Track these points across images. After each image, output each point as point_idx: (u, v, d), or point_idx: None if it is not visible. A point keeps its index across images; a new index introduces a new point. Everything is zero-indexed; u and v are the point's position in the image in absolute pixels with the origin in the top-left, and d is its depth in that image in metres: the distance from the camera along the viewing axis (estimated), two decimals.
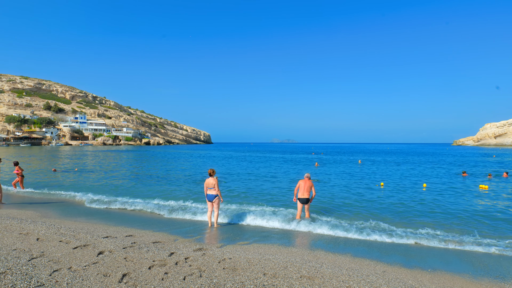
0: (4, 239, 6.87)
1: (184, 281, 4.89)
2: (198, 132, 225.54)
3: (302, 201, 9.74)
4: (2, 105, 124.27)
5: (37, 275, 4.91)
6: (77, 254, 6.01)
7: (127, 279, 4.94)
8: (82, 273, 5.10)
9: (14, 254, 5.86)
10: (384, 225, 9.16)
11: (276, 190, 15.85)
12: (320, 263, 6.05)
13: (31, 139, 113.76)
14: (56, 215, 9.95)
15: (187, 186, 17.08)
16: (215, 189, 8.97)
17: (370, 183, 18.79)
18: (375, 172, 25.67)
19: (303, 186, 9.68)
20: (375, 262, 6.40)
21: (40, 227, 8.01)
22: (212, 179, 9.01)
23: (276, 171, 26.74)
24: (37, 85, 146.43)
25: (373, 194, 14.82)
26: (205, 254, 6.27)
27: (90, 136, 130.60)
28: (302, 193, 9.68)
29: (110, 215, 10.35)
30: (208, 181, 9.05)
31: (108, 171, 25.46)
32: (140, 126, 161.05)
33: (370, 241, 7.89)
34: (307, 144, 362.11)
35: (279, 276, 5.24)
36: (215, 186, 8.96)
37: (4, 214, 9.76)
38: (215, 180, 9.01)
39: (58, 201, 12.75)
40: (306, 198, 9.67)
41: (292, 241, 7.83)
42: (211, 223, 9.19)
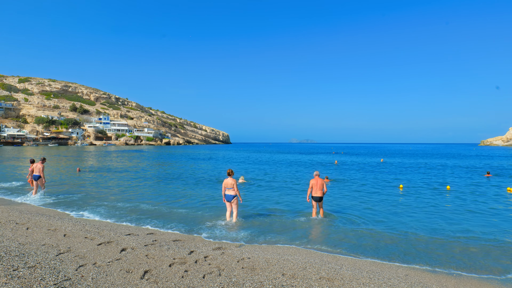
0: (34, 234, 7.21)
1: (204, 280, 4.95)
2: (217, 132, 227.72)
3: (315, 199, 9.93)
4: (32, 107, 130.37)
5: (64, 270, 5.11)
6: (101, 250, 6.21)
7: (149, 275, 5.06)
8: (106, 268, 5.27)
9: (43, 249, 6.14)
10: (406, 227, 8.91)
11: (293, 191, 15.76)
12: (340, 264, 5.97)
13: (58, 139, 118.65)
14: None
15: (209, 187, 17.29)
16: (234, 189, 9.07)
17: (388, 185, 18.34)
18: (394, 173, 25.02)
19: (316, 184, 9.85)
20: (396, 265, 6.24)
21: (67, 224, 8.35)
22: (231, 180, 9.11)
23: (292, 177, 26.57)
24: (64, 87, 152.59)
25: (391, 196, 14.45)
26: (224, 253, 6.32)
27: (113, 137, 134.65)
28: (315, 192, 9.86)
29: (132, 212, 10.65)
30: (227, 181, 9.14)
31: (134, 171, 26.14)
32: (160, 127, 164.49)
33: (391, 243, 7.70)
34: (327, 144, 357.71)
35: (298, 276, 5.21)
36: (234, 186, 9.05)
37: (34, 210, 10.24)
38: (233, 180, 9.11)
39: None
40: (319, 196, 9.84)
41: (311, 241, 7.75)
42: (230, 222, 9.28)
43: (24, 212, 9.79)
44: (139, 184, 17.61)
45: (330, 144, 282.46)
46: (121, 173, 23.51)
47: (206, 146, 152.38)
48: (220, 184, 18.03)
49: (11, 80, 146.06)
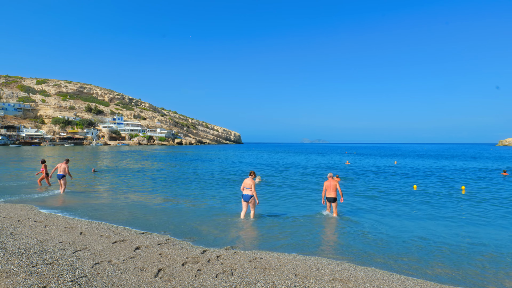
0: (52, 232, 7.40)
1: (216, 279, 4.98)
2: (229, 132, 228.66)
3: (329, 200, 10.09)
4: (49, 108, 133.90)
5: (80, 267, 5.23)
6: (116, 248, 6.33)
7: (162, 274, 5.12)
8: (121, 266, 5.36)
9: (60, 246, 6.30)
10: (419, 233, 8.73)
11: (306, 192, 15.67)
12: (353, 266, 5.90)
13: (74, 139, 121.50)
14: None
15: (221, 187, 17.38)
16: (251, 190, 9.25)
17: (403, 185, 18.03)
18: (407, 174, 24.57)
19: (329, 186, 9.97)
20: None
21: (82, 222, 8.54)
22: (250, 180, 9.34)
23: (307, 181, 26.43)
24: (79, 88, 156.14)
25: (407, 199, 14.20)
26: (236, 253, 6.34)
27: (127, 137, 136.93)
28: (329, 193, 9.99)
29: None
30: (246, 181, 9.38)
31: (148, 171, 26.51)
32: (173, 127, 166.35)
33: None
34: (339, 144, 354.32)
35: (310, 277, 5.18)
36: (252, 187, 9.24)
37: (55, 209, 10.50)
38: (252, 181, 9.32)
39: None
40: (333, 197, 9.97)
41: (323, 242, 7.69)
42: (243, 222, 9.35)
43: (41, 210, 10.06)
44: (153, 184, 17.85)
45: (342, 144, 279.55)
46: (135, 173, 23.88)
47: (217, 146, 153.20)
48: (234, 184, 18.10)
49: (29, 82, 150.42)
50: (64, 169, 13.80)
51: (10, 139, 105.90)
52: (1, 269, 4.93)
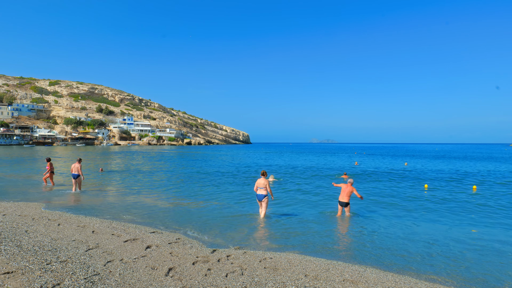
0: (65, 230, 7.54)
1: (226, 278, 5.00)
2: (237, 132, 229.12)
3: (341, 204, 10.07)
4: (61, 109, 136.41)
5: (93, 265, 5.32)
6: (127, 247, 6.41)
7: (173, 273, 5.17)
8: (132, 265, 5.43)
9: (73, 245, 6.41)
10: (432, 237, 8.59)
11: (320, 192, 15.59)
12: (364, 267, 5.84)
13: (85, 139, 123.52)
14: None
15: (232, 187, 17.43)
16: (265, 189, 9.40)
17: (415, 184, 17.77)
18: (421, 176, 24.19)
19: (344, 190, 9.90)
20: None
21: (94, 221, 8.67)
22: (263, 180, 9.46)
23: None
24: (91, 89, 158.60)
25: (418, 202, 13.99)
26: (246, 253, 6.35)
27: (137, 137, 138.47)
28: (342, 197, 9.94)
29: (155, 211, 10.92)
30: (259, 181, 9.50)
31: (157, 171, 26.76)
32: (182, 127, 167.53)
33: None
34: (348, 144, 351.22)
35: (321, 278, 5.15)
36: (266, 186, 9.40)
37: (68, 208, 10.69)
38: (266, 181, 9.44)
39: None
40: (345, 202, 9.96)
41: (333, 243, 7.64)
42: (254, 221, 9.47)
43: (55, 209, 10.25)
44: (163, 184, 18.01)
45: (352, 144, 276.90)
46: (145, 173, 24.13)
47: (226, 146, 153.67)
48: (244, 184, 18.14)
49: (42, 83, 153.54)
50: (77, 169, 14.17)
51: (24, 139, 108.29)
52: (17, 266, 5.05)
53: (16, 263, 5.18)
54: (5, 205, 10.45)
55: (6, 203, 10.89)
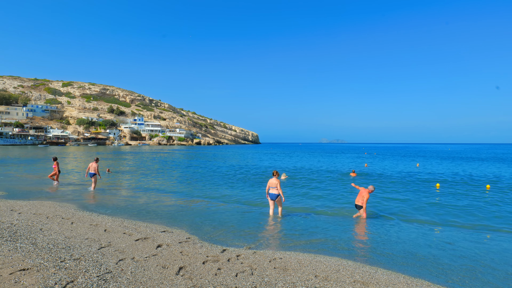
0: (78, 229, 7.68)
1: (236, 278, 5.02)
2: (246, 133, 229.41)
3: (356, 207, 10.29)
4: (73, 109, 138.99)
5: (105, 263, 5.40)
6: (138, 246, 6.49)
7: (184, 272, 5.21)
8: (144, 263, 5.50)
9: (86, 243, 6.53)
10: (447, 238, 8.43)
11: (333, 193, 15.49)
12: (375, 268, 5.78)
13: (97, 139, 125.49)
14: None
15: (242, 187, 17.48)
16: (277, 189, 9.60)
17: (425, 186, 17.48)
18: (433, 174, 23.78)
19: (361, 193, 10.17)
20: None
21: (106, 219, 8.81)
22: (275, 180, 9.69)
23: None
24: (102, 90, 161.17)
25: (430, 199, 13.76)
26: (256, 253, 6.36)
27: (147, 137, 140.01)
28: (357, 200, 10.20)
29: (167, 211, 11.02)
30: (271, 181, 9.73)
31: (167, 172, 27.01)
32: (191, 127, 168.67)
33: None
34: (358, 144, 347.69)
35: (331, 279, 5.12)
36: (277, 186, 9.61)
37: (81, 207, 10.89)
38: (277, 181, 9.68)
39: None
40: (359, 205, 10.14)
41: (344, 243, 7.58)
42: (265, 220, 9.56)
43: (68, 207, 10.45)
44: (173, 183, 18.17)
45: (362, 144, 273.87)
46: (155, 173, 24.39)
47: (235, 146, 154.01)
48: (254, 183, 18.16)
49: (55, 84, 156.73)
50: (95, 168, 14.74)
51: (38, 140, 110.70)
52: (32, 263, 5.17)
53: (31, 260, 5.31)
54: (21, 203, 10.70)
55: (21, 201, 11.15)
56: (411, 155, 62.40)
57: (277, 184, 9.61)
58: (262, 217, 9.98)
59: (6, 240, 6.38)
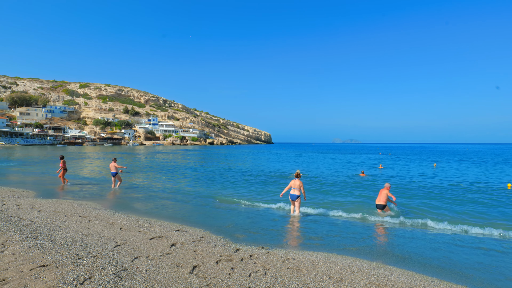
0: (95, 227, 7.85)
1: (250, 278, 5.02)
2: (259, 132, 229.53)
3: (378, 207, 10.48)
4: (90, 110, 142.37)
5: (121, 261, 5.50)
6: (153, 244, 6.58)
7: (197, 271, 5.25)
8: (158, 262, 5.57)
9: (102, 241, 6.66)
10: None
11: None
12: (390, 270, 5.67)
13: (113, 139, 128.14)
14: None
15: (255, 186, 17.50)
16: (299, 190, 9.81)
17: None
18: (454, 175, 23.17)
19: (380, 194, 10.42)
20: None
21: (122, 218, 8.97)
22: (298, 181, 9.81)
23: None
24: (118, 91, 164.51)
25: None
26: (269, 253, 6.34)
27: (161, 137, 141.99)
28: (379, 200, 10.39)
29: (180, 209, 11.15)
30: (294, 182, 9.87)
31: (180, 170, 27.31)
32: (204, 127, 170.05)
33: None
34: (372, 144, 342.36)
35: (345, 280, 5.06)
36: (301, 188, 9.82)
37: (97, 206, 11.15)
38: (300, 182, 9.80)
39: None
40: (382, 205, 10.33)
41: (360, 244, 7.47)
42: (287, 219, 9.71)
43: (85, 206, 10.71)
44: (187, 183, 18.36)
45: (376, 145, 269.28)
46: (170, 172, 24.69)
47: (248, 146, 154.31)
48: (268, 183, 18.15)
49: (73, 86, 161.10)
50: (115, 167, 15.30)
51: (56, 139, 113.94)
52: (51, 260, 5.31)
53: (50, 257, 5.46)
54: (41, 201, 11.03)
55: (41, 200, 11.49)
56: (429, 155, 61.00)
57: (300, 186, 9.77)
58: (276, 217, 9.96)
59: (26, 237, 6.59)
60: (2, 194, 12.23)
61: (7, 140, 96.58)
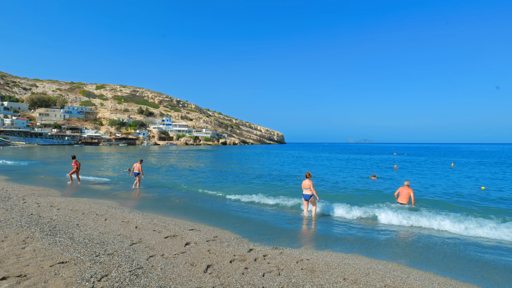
0: (111, 225, 8.01)
1: (263, 278, 5.01)
2: (272, 132, 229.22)
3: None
4: (106, 111, 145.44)
5: (137, 259, 5.59)
6: (168, 243, 6.66)
7: (211, 270, 5.28)
8: (173, 260, 5.63)
9: (119, 239, 6.79)
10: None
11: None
12: (407, 273, 5.56)
13: (127, 139, 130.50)
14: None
15: (269, 186, 17.49)
16: (310, 190, 9.93)
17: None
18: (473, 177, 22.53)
19: (402, 193, 10.52)
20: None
21: (137, 217, 9.12)
22: (308, 181, 10.01)
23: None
24: (132, 92, 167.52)
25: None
26: (283, 253, 6.32)
27: (175, 137, 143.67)
28: (401, 199, 10.54)
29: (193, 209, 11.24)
30: (305, 183, 10.09)
31: (193, 170, 27.55)
32: (217, 127, 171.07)
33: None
34: (386, 144, 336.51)
35: (360, 282, 4.99)
36: (311, 187, 9.96)
37: (113, 204, 11.38)
38: (310, 182, 10.01)
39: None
40: (404, 204, 10.49)
41: (376, 245, 7.36)
42: (302, 219, 9.83)
43: (102, 204, 10.94)
44: (201, 182, 18.50)
45: (391, 145, 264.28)
46: (184, 172, 24.95)
47: (261, 146, 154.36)
48: (282, 183, 18.12)
49: (90, 87, 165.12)
50: (138, 168, 15.83)
51: (74, 140, 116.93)
52: (70, 257, 5.45)
53: (69, 254, 5.60)
54: (59, 200, 11.34)
55: (60, 198, 11.81)
56: (447, 155, 59.50)
57: (310, 185, 9.91)
58: (289, 217, 9.93)
59: (46, 234, 6.78)
60: (23, 192, 12.62)
61: (28, 140, 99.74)
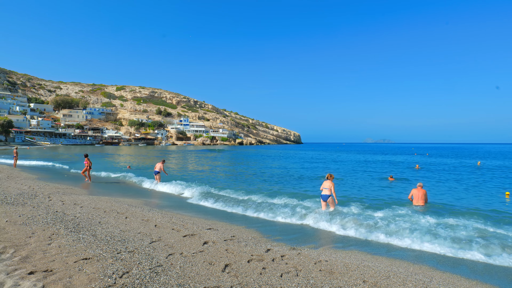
0: (131, 223, 8.20)
1: (281, 278, 4.99)
2: (288, 132, 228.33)
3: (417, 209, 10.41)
4: (126, 111, 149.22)
5: (156, 257, 5.69)
6: (186, 242, 6.75)
7: (229, 269, 5.31)
8: (191, 259, 5.70)
9: (139, 237, 6.94)
10: None
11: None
12: (429, 277, 5.40)
13: (146, 139, 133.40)
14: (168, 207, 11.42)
15: (283, 185, 17.44)
16: (330, 190, 10.08)
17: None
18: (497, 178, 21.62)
19: (417, 194, 10.42)
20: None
21: (156, 215, 9.29)
22: (329, 182, 10.18)
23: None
24: (151, 93, 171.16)
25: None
26: (301, 254, 6.27)
27: (192, 137, 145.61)
28: (417, 201, 10.44)
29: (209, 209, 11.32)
30: (325, 183, 10.27)
31: (210, 169, 27.80)
32: (234, 127, 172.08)
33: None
34: (406, 144, 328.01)
35: (381, 285, 4.88)
36: (331, 188, 10.09)
37: (133, 203, 11.64)
38: (331, 183, 10.15)
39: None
40: (420, 206, 10.38)
41: (397, 247, 7.18)
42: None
43: (122, 203, 11.22)
44: (219, 182, 18.64)
45: (411, 145, 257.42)
46: (201, 172, 25.23)
47: (277, 146, 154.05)
48: (300, 183, 18.03)
49: (110, 88, 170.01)
50: (160, 167, 16.49)
51: (95, 140, 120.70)
52: (93, 254, 5.61)
53: (92, 251, 5.77)
54: (82, 198, 11.71)
55: (83, 196, 12.20)
56: (472, 157, 57.37)
57: (331, 187, 10.03)
58: (306, 217, 9.83)
59: (70, 231, 7.02)
60: (48, 190, 13.12)
61: (52, 140, 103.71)
